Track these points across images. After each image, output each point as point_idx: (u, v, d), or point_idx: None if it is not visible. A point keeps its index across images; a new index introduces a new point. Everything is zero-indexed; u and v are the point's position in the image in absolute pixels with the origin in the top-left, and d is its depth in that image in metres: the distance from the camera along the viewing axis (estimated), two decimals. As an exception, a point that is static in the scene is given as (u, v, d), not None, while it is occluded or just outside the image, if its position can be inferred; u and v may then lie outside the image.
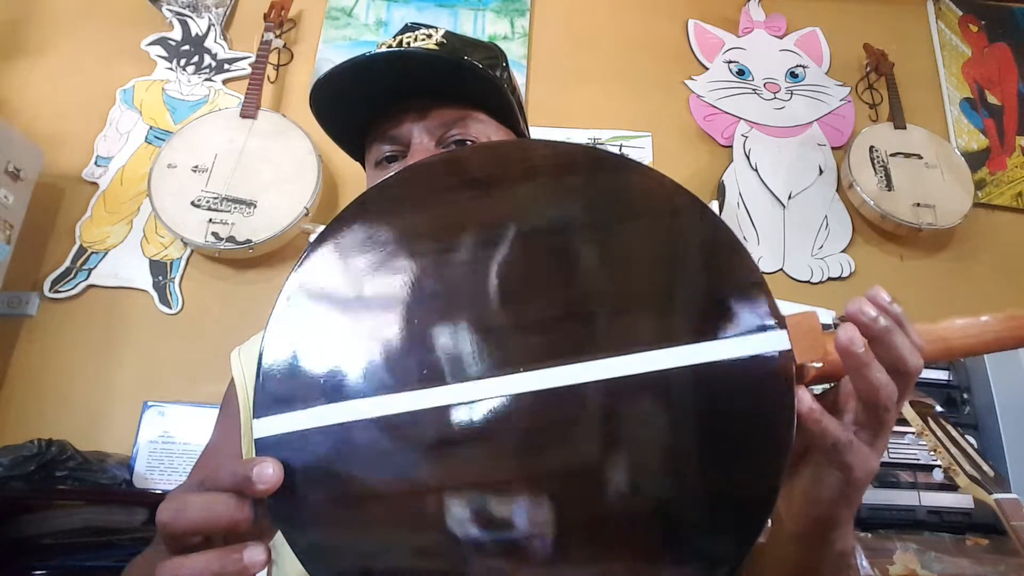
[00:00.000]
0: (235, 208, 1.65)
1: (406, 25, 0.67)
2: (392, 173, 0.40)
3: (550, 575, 0.32)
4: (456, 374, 0.34)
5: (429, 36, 0.64)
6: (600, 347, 0.34)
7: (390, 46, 0.64)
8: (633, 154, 1.96)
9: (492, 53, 0.68)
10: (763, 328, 0.33)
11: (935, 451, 0.80)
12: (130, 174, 1.81)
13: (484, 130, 0.61)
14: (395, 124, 0.60)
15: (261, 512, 0.33)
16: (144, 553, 0.56)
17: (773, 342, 0.33)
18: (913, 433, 1.30)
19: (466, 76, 0.59)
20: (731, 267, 0.34)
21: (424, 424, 0.34)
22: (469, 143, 0.60)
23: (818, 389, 0.37)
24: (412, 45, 0.63)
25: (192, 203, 1.65)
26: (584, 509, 0.33)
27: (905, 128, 1.98)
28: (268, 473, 0.32)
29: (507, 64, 0.68)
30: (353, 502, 0.33)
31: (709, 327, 0.33)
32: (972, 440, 1.01)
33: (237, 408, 0.64)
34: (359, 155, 0.67)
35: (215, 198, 1.66)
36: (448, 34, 0.65)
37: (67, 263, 1.71)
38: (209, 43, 1.98)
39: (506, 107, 0.63)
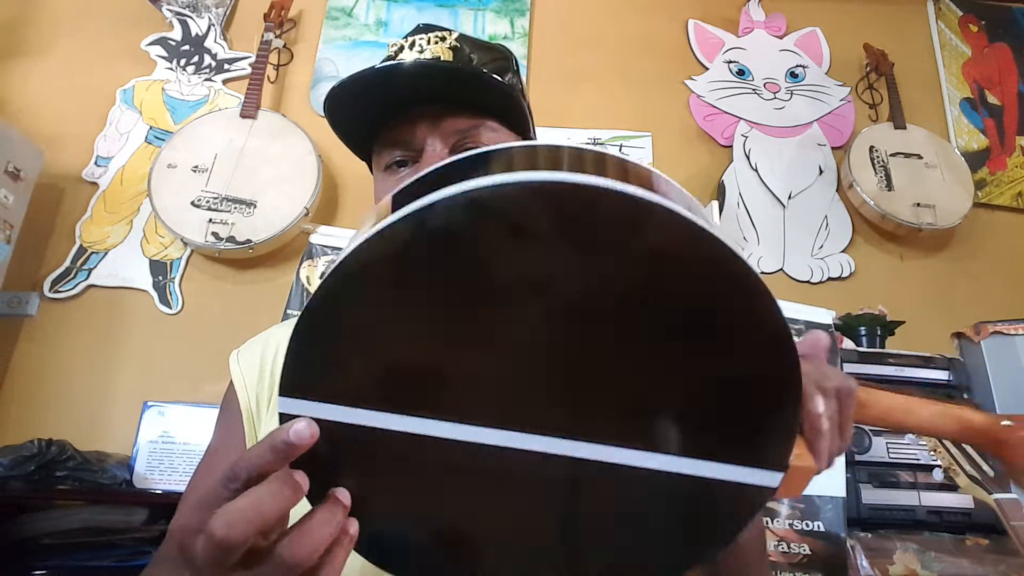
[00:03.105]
0: (235, 208, 1.66)
1: (418, 26, 0.67)
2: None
3: None
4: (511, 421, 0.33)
5: (443, 39, 0.64)
6: (630, 438, 0.34)
7: (402, 47, 0.64)
8: (633, 154, 1.96)
9: (504, 55, 0.68)
10: (770, 468, 0.35)
11: (935, 451, 0.80)
12: (130, 174, 1.81)
13: (496, 139, 0.62)
14: (408, 130, 0.60)
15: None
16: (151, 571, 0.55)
17: (767, 480, 0.35)
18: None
19: (482, 86, 0.60)
20: (780, 411, 0.34)
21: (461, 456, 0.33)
22: None
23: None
24: (425, 48, 0.63)
25: (192, 203, 1.65)
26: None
27: (905, 128, 1.98)
28: (301, 427, 0.29)
29: (517, 68, 0.69)
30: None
31: (729, 451, 0.34)
32: (972, 440, 1.01)
33: (239, 412, 0.64)
34: (367, 157, 0.67)
35: (215, 198, 1.66)
36: (461, 37, 0.65)
37: (67, 263, 1.71)
38: (209, 43, 1.98)
39: (518, 114, 0.64)
